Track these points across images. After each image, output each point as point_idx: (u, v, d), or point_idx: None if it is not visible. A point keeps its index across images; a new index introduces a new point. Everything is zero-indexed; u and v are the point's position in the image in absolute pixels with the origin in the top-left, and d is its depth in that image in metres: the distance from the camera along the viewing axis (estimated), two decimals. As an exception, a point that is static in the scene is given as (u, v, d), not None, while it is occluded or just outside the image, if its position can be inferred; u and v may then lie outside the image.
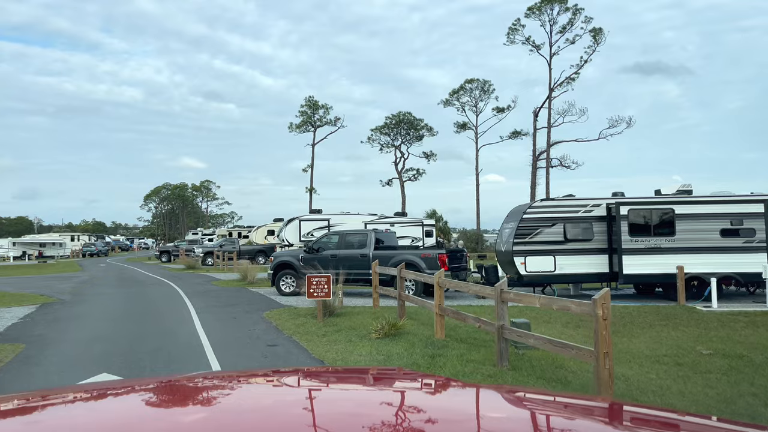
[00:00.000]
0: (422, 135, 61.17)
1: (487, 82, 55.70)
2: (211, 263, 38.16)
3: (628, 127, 47.90)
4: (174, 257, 45.72)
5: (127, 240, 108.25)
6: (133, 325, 11.59)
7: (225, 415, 1.26)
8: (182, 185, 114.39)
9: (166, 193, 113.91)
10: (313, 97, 59.56)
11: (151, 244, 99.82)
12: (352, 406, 1.36)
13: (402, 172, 61.05)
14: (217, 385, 1.59)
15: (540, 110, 49.39)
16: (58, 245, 68.36)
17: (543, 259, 15.08)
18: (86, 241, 75.61)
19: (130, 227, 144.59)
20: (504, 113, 55.33)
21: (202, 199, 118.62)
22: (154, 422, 1.24)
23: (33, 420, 1.28)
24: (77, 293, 19.10)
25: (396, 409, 1.35)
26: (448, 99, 57.37)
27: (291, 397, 1.50)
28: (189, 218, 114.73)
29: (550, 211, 15.36)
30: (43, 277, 29.07)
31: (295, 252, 18.01)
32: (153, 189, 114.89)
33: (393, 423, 1.18)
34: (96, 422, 1.25)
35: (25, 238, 73.78)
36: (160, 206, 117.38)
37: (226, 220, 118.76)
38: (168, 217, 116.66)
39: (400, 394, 1.55)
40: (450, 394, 1.57)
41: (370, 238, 16.23)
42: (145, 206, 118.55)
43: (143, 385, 1.63)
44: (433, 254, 15.37)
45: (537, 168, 49.45)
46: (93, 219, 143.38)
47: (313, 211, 40.64)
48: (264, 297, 16.91)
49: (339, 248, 16.57)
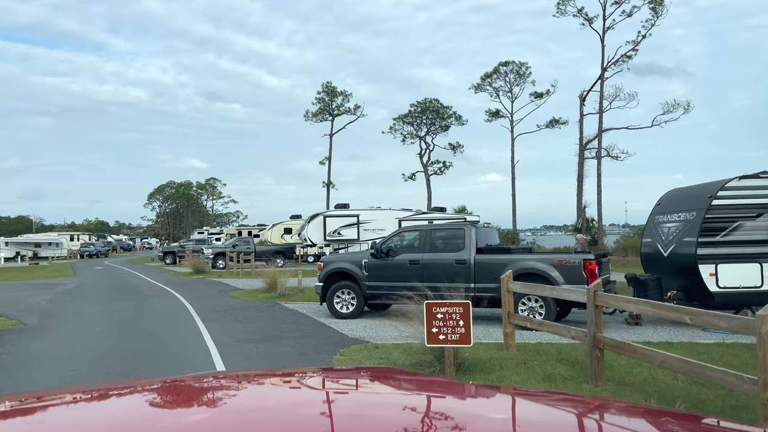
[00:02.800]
0: (448, 125, 55.99)
1: (524, 64, 50.40)
2: (223, 266, 33.09)
3: (685, 113, 42.65)
4: (179, 259, 40.64)
5: (130, 240, 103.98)
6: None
7: (227, 414, 1.27)
8: (187, 183, 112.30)
9: (170, 191, 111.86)
10: (330, 82, 54.34)
11: (154, 244, 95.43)
12: (355, 406, 1.38)
13: (427, 164, 55.83)
14: (220, 386, 1.62)
15: (587, 94, 44.11)
16: (54, 245, 63.43)
17: (744, 268, 9.89)
18: (85, 241, 70.62)
19: (133, 227, 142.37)
20: (543, 99, 50.07)
21: (207, 197, 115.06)
22: (157, 422, 1.24)
23: (38, 420, 1.27)
24: (49, 313, 13.98)
25: (399, 408, 1.36)
26: (480, 84, 52.11)
27: (295, 398, 1.50)
28: (193, 217, 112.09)
29: (755, 193, 10.14)
30: (23, 285, 24.01)
31: (354, 256, 12.77)
32: (156, 187, 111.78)
33: (393, 422, 1.19)
34: (100, 422, 1.25)
35: (19, 237, 68.90)
36: (164, 205, 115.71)
37: (231, 220, 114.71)
38: (172, 216, 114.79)
39: (400, 393, 1.59)
40: (448, 394, 1.57)
41: (469, 236, 11.03)
42: (149, 205, 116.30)
43: (147, 385, 1.62)
44: (575, 260, 10.15)
45: (584, 159, 44.16)
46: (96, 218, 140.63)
47: (339, 206, 35.40)
48: (313, 321, 11.76)
49: (422, 251, 11.39)
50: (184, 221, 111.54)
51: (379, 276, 11.65)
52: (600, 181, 42.16)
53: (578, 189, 43.98)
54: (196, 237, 57.57)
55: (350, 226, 33.30)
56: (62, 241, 65.05)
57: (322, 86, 54.30)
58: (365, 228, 33.57)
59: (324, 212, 33.77)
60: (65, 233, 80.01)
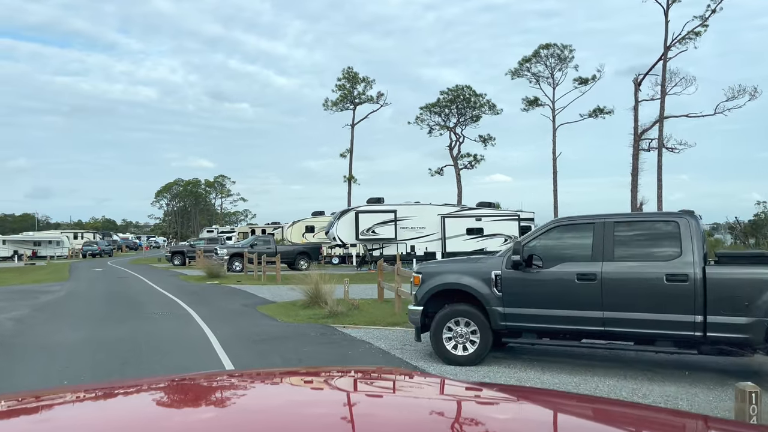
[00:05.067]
0: (479, 115, 51.42)
1: (567, 47, 45.82)
2: (239, 268, 28.75)
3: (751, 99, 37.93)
4: (189, 259, 36.34)
5: (136, 238, 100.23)
6: None
7: (233, 414, 1.27)
8: (195, 181, 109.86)
9: (178, 189, 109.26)
10: (352, 68, 49.80)
11: (162, 243, 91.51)
12: (362, 405, 1.37)
13: (457, 158, 51.30)
14: (227, 385, 1.61)
15: (644, 78, 39.46)
16: (55, 244, 59.38)
17: None
18: (88, 240, 66.51)
19: (140, 225, 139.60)
20: (588, 85, 45.49)
21: (215, 195, 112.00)
22: (163, 421, 1.23)
23: (45, 418, 1.25)
24: (8, 342, 9.59)
25: (408, 408, 1.36)
26: (517, 69, 47.54)
27: (302, 397, 1.49)
28: (201, 216, 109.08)
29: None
30: (3, 291, 19.71)
31: (475, 265, 7.96)
32: (164, 185, 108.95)
33: (401, 422, 1.20)
34: (108, 420, 1.24)
35: (18, 235, 64.89)
36: (171, 203, 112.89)
37: (239, 218, 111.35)
38: (180, 214, 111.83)
39: (407, 394, 1.58)
40: (452, 393, 1.57)
41: (688, 233, 6.48)
42: (156, 203, 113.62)
43: (152, 384, 1.61)
44: None
45: (639, 150, 39.51)
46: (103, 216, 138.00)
47: (372, 200, 30.86)
48: (406, 366, 7.30)
49: (598, 258, 6.87)
50: (192, 220, 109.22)
51: (521, 298, 7.17)
52: (660, 175, 37.50)
53: (632, 184, 39.35)
54: (205, 235, 53.36)
55: (386, 224, 28.81)
56: (63, 239, 60.98)
57: (343, 72, 49.79)
58: (403, 226, 29.10)
59: (356, 207, 29.29)
60: (69, 231, 76.14)
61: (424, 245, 29.18)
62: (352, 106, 50.33)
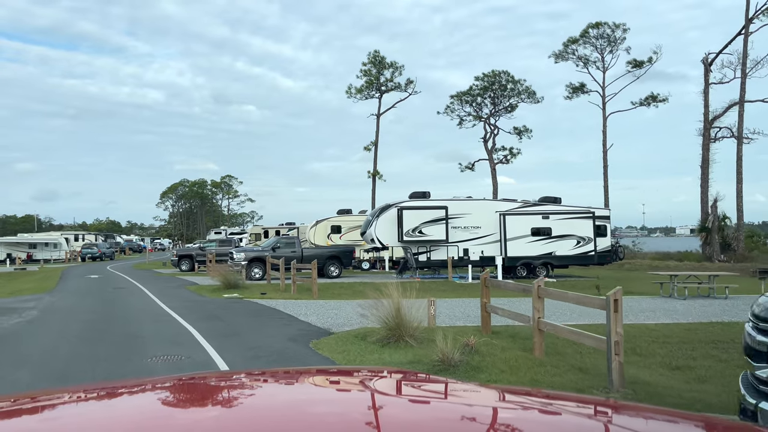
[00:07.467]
0: (514, 105, 46.56)
1: (620, 25, 40.97)
2: (260, 276, 24.08)
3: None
4: (198, 264, 31.61)
5: (140, 240, 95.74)
6: None
7: (236, 413, 1.25)
8: (201, 182, 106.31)
9: (184, 190, 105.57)
10: (379, 52, 45.03)
11: (167, 245, 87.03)
12: (366, 405, 1.34)
13: (492, 151, 46.47)
14: (230, 384, 1.58)
15: (715, 58, 34.59)
16: (52, 246, 54.87)
17: None
18: (88, 242, 62.00)
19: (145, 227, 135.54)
20: (643, 69, 40.65)
21: (222, 196, 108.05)
22: (166, 420, 1.22)
23: (45, 418, 1.24)
24: None
25: (412, 409, 1.34)
26: (561, 51, 42.77)
27: (306, 396, 1.46)
28: (207, 217, 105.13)
29: None
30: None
31: None
32: (170, 186, 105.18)
33: (403, 422, 1.17)
34: (112, 419, 1.22)
35: (12, 237, 60.46)
36: (177, 204, 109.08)
37: (246, 220, 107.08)
38: (185, 216, 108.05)
39: (411, 394, 1.54)
40: (454, 393, 1.55)
41: None
42: (162, 204, 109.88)
43: (153, 383, 1.60)
44: None
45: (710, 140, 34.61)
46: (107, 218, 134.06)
47: (416, 194, 26.01)
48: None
49: None
50: (198, 221, 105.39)
51: None
52: (740, 167, 32.61)
53: (703, 177, 34.45)
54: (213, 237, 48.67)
55: (436, 222, 24.01)
56: (61, 241, 56.44)
57: (368, 57, 45.10)
58: (455, 225, 24.28)
59: (399, 203, 24.47)
60: (70, 233, 71.61)
61: (480, 248, 24.39)
62: (378, 93, 45.64)
